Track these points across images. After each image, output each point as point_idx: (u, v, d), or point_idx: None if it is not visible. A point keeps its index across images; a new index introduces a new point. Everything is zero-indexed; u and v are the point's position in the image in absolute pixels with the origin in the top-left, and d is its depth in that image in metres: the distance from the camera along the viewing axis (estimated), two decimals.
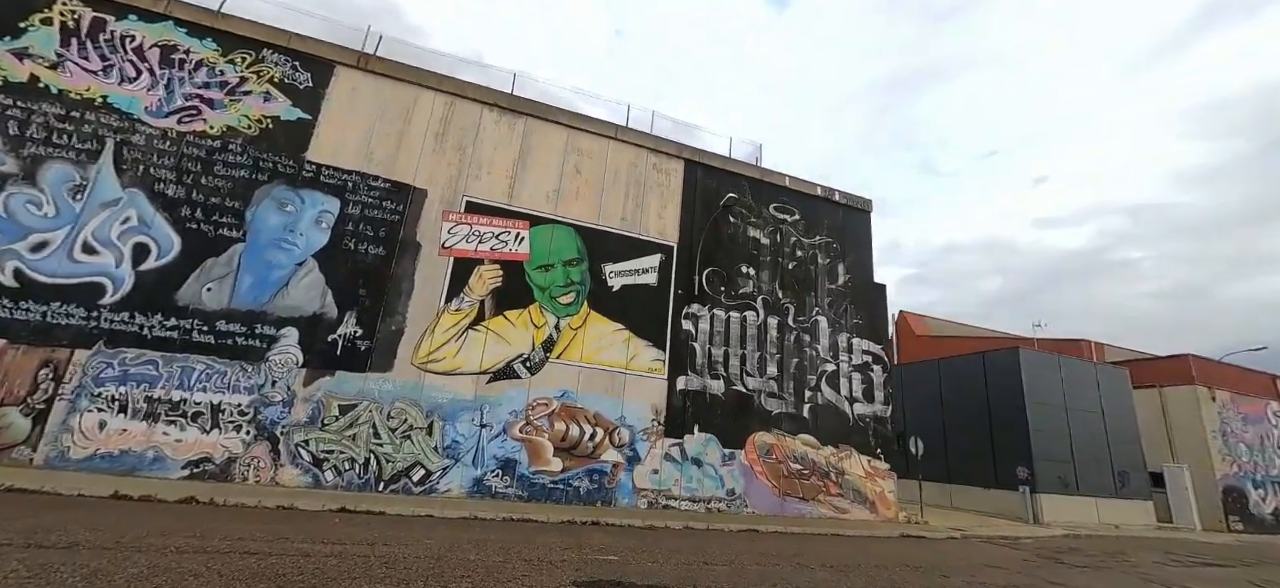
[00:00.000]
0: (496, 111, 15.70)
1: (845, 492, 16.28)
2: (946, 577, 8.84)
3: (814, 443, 16.33)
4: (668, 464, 14.64)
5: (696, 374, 15.62)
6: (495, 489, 13.10)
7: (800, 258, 18.01)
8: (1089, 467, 21.15)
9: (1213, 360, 26.54)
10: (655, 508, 14.13)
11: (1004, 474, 20.67)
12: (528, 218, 15.16)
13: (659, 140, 17.22)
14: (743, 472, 15.29)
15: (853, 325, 18.00)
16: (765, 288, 17.22)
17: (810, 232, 18.41)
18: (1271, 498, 25.32)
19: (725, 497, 14.93)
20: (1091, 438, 21.72)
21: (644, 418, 14.77)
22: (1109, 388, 22.97)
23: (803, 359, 16.97)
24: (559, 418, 14.03)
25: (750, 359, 16.35)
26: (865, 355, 17.88)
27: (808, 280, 17.87)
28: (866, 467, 16.77)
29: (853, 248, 18.89)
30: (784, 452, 15.92)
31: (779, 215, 18.16)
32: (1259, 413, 26.88)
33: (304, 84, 14.21)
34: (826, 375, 17.13)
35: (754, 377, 16.23)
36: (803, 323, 17.33)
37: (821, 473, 16.16)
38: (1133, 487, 21.92)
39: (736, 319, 16.54)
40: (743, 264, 17.15)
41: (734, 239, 17.32)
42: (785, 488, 15.64)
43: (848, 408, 17.07)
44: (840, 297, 18.15)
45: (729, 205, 15.39)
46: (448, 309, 13.87)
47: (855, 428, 16.98)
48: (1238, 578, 11.39)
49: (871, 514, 16.38)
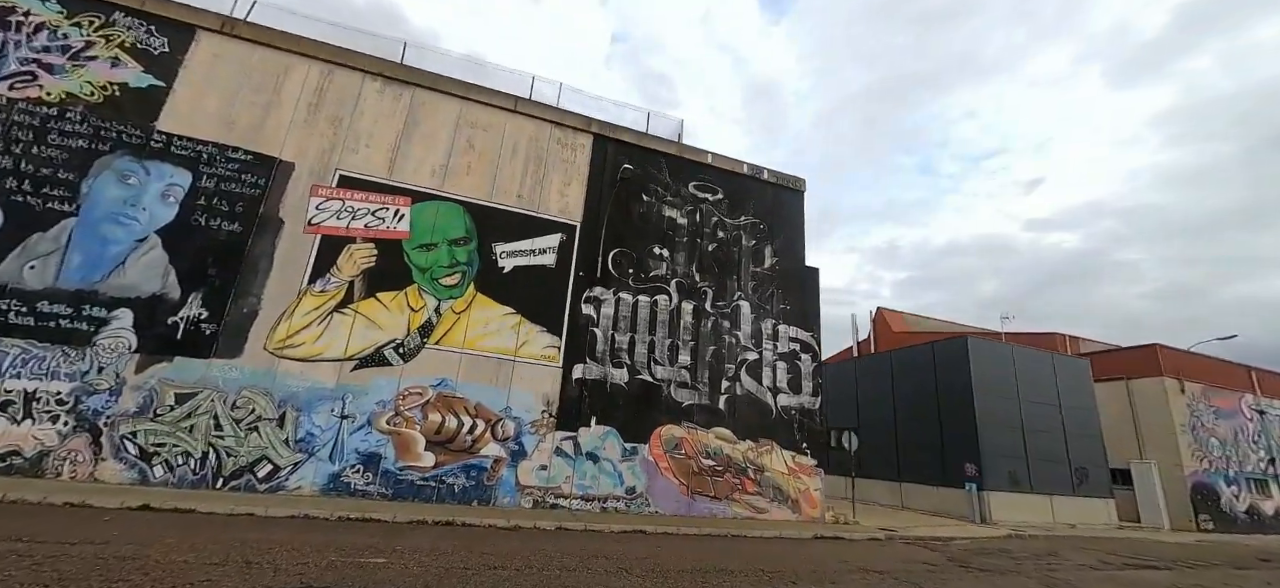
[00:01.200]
0: (380, 82, 14.57)
1: (764, 490, 15.00)
2: (798, 582, 7.58)
3: (730, 437, 15.07)
4: (559, 459, 13.39)
5: (597, 362, 14.39)
6: (356, 487, 11.86)
7: (722, 239, 16.81)
8: (1044, 463, 19.83)
9: (1183, 351, 25.24)
10: (542, 507, 12.88)
11: (953, 471, 19.38)
12: (410, 194, 14.00)
13: (565, 113, 16.07)
14: (646, 468, 14.03)
15: (780, 311, 16.77)
16: (681, 270, 16.01)
17: (735, 211, 17.22)
18: (1245, 496, 23.94)
19: (624, 495, 13.67)
20: (1047, 433, 20.41)
21: (533, 409, 13.54)
22: (1068, 380, 21.68)
23: (721, 347, 15.74)
24: (434, 409, 12.80)
25: (660, 347, 15.12)
26: (793, 343, 16.64)
27: (730, 263, 16.66)
28: (790, 463, 15.50)
29: (783, 229, 17.69)
30: (695, 447, 14.66)
31: (699, 194, 16.97)
32: (1233, 407, 25.53)
33: (159, 49, 13.10)
34: (747, 365, 15.89)
35: (663, 366, 14.99)
36: (722, 308, 16.11)
37: (738, 470, 14.89)
38: (1092, 484, 20.58)
39: (645, 304, 15.32)
40: (655, 245, 15.95)
41: (646, 219, 16.13)
42: (695, 486, 14.37)
43: (770, 399, 15.81)
44: (767, 281, 16.93)
45: (626, 178, 14.22)
46: (311, 291, 12.68)
47: (778, 421, 15.72)
48: (1164, 582, 10.09)
49: (794, 514, 15.11)
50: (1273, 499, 24.78)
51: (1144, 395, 24.23)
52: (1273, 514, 24.46)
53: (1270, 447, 25.79)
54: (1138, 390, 24.47)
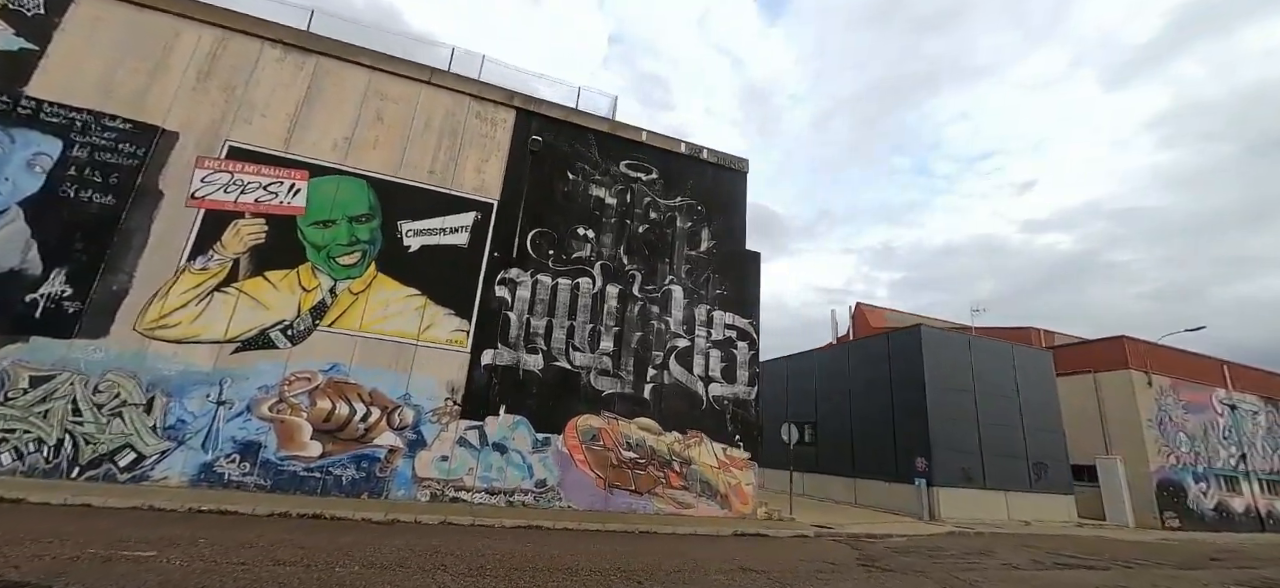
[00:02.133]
0: (280, 49, 13.71)
1: (691, 484, 14.18)
2: (646, 581, 6.75)
3: (655, 428, 14.24)
4: (461, 450, 12.55)
5: (509, 348, 13.55)
6: (230, 478, 11.01)
7: (655, 220, 15.98)
8: (1000, 458, 19.04)
9: (1153, 343, 24.45)
10: (440, 501, 12.04)
11: (905, 466, 18.57)
12: (308, 168, 13.14)
13: (485, 86, 15.22)
14: (559, 460, 13.20)
15: (716, 297, 15.95)
16: (607, 252, 15.17)
17: (670, 192, 16.39)
18: (1214, 492, 23.17)
19: (534, 489, 12.83)
20: (1005, 427, 19.61)
21: (436, 396, 12.70)
22: (1029, 372, 20.89)
23: (648, 333, 14.90)
24: (324, 395, 11.95)
25: (580, 332, 14.28)
26: (729, 330, 15.81)
27: (662, 245, 15.82)
28: (720, 456, 14.67)
29: (722, 211, 16.86)
30: (615, 438, 13.83)
31: (631, 173, 16.13)
32: (1203, 401, 24.77)
33: (33, 10, 12.24)
34: (677, 352, 15.05)
35: (583, 352, 14.16)
36: (651, 293, 15.27)
37: (662, 463, 14.07)
38: (1051, 480, 19.80)
39: (566, 287, 14.48)
40: (580, 225, 15.11)
41: (572, 198, 15.29)
42: (613, 479, 13.54)
43: (701, 389, 14.98)
44: (702, 264, 16.10)
45: (535, 150, 13.34)
46: (190, 268, 11.83)
47: (709, 411, 14.89)
48: (1089, 582, 9.28)
49: (723, 510, 14.28)
50: (1243, 497, 24.03)
51: (1111, 389, 23.47)
52: (1243, 512, 23.71)
53: (1241, 442, 25.04)
54: (1105, 384, 23.70)
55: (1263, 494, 24.73)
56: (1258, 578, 11.08)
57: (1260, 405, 26.87)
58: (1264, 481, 25.22)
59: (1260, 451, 25.75)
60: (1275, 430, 26.96)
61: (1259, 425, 26.33)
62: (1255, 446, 25.62)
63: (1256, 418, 26.38)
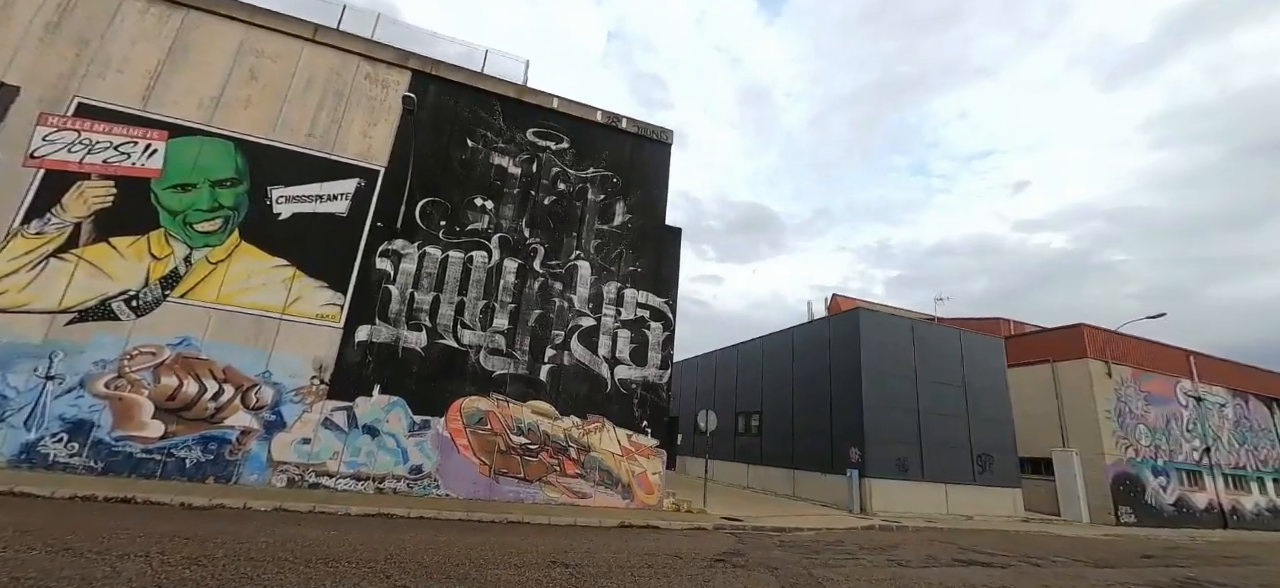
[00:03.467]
0: (143, 1, 12.68)
1: (589, 472, 13.25)
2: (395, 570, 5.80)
3: (550, 412, 13.30)
4: (327, 433, 11.61)
5: (388, 323, 12.59)
6: (56, 459, 10.08)
7: (563, 192, 14.98)
8: (941, 449, 18.10)
9: (1113, 332, 23.45)
10: (299, 486, 11.12)
11: (841, 457, 17.63)
12: (167, 127, 12.16)
13: (377, 46, 14.21)
14: (438, 444, 12.26)
15: (629, 274, 14.97)
16: (507, 224, 14.19)
17: (582, 162, 15.38)
18: (1174, 487, 22.22)
19: (408, 475, 11.90)
20: (949, 417, 18.66)
21: (300, 375, 11.75)
22: (978, 360, 19.91)
23: (548, 311, 13.94)
24: (170, 371, 11.01)
25: (471, 308, 13.32)
26: (642, 310, 14.84)
27: (570, 219, 14.84)
28: (624, 442, 13.74)
29: (640, 184, 15.86)
30: (504, 422, 12.89)
31: (539, 142, 15.13)
32: (1166, 392, 23.78)
33: None
34: (580, 332, 14.09)
35: (473, 330, 13.20)
36: (555, 268, 14.30)
37: (557, 449, 13.13)
38: (997, 473, 18.85)
39: (458, 260, 13.51)
40: (478, 196, 14.12)
41: (470, 166, 14.29)
42: (500, 466, 12.61)
43: (606, 371, 14.03)
44: (615, 239, 15.12)
45: (410, 108, 12.27)
46: (24, 232, 10.87)
47: (614, 395, 13.95)
48: (973, 581, 8.34)
49: (625, 500, 13.36)
50: (1206, 492, 23.08)
51: (1069, 379, 22.50)
52: (1205, 508, 22.77)
53: (1206, 435, 24.07)
54: (1063, 374, 22.72)
55: (1227, 490, 23.78)
56: (1178, 577, 10.14)
57: (1228, 397, 25.88)
58: (1229, 476, 24.28)
59: (1226, 444, 24.79)
60: (1243, 424, 25.99)
61: (1226, 419, 25.35)
62: (1221, 439, 24.66)
63: (1223, 411, 25.40)
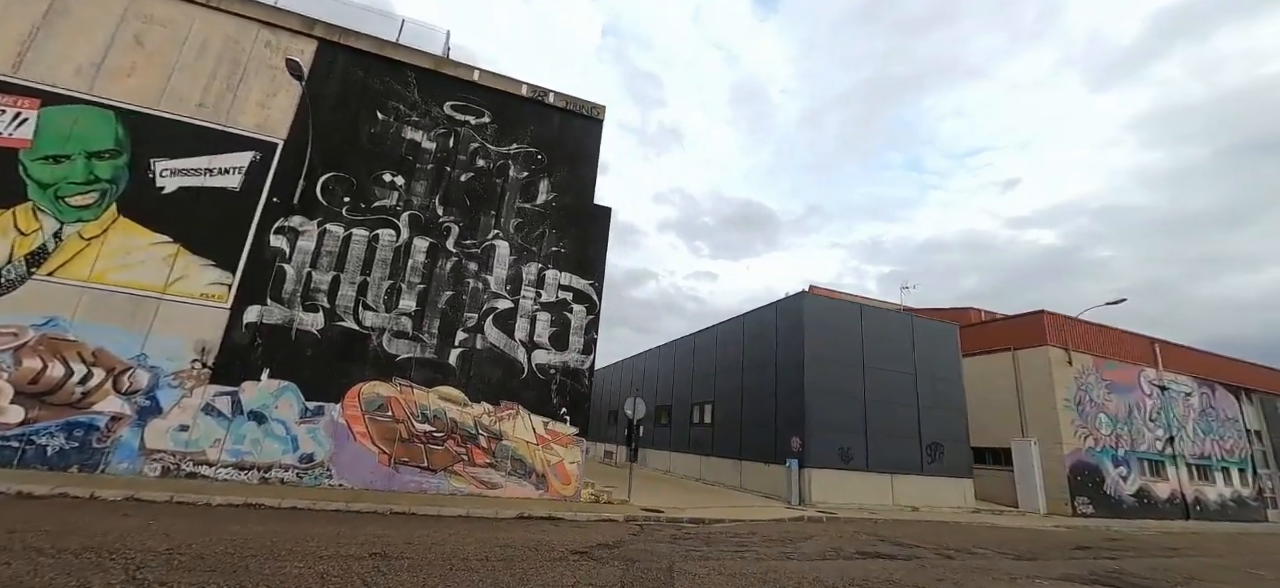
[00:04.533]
0: None
1: (500, 461, 12.59)
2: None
3: (459, 398, 12.63)
4: (207, 419, 10.91)
5: (282, 304, 11.88)
6: None
7: (482, 169, 14.26)
8: (887, 439, 17.50)
9: (1075, 318, 22.87)
10: (174, 475, 10.43)
11: (785, 447, 17.01)
12: (39, 95, 11.39)
13: (279, 13, 13.43)
14: (333, 432, 11.58)
15: (551, 254, 14.28)
16: (419, 202, 13.47)
17: (504, 138, 14.66)
18: (1135, 477, 21.70)
19: (297, 464, 11.22)
20: (898, 405, 18.06)
21: (180, 358, 11.04)
22: (930, 347, 19.30)
23: (461, 292, 13.24)
24: (32, 353, 10.28)
25: (375, 289, 12.61)
26: (564, 292, 14.16)
27: (489, 196, 14.13)
28: (540, 430, 13.09)
29: (567, 162, 15.15)
30: (408, 408, 12.21)
31: (458, 116, 14.39)
32: (1129, 381, 23.25)
33: None
34: (496, 314, 13.41)
35: (377, 311, 12.50)
36: (470, 247, 13.60)
37: (466, 437, 12.47)
38: (947, 462, 18.28)
39: (362, 238, 12.80)
40: (388, 171, 13.40)
41: (380, 140, 13.56)
42: (402, 455, 11.94)
43: (523, 356, 13.36)
44: (538, 219, 14.42)
45: (297, 75, 11.48)
46: None
47: (531, 381, 13.28)
48: (855, 574, 7.71)
49: (538, 490, 12.71)
50: (1168, 482, 22.59)
51: (1029, 367, 21.94)
52: (1167, 498, 22.27)
53: (1170, 425, 23.56)
54: (1023, 362, 22.17)
55: (1190, 480, 23.31)
56: (1100, 570, 9.57)
57: (1193, 386, 25.39)
58: (1193, 465, 23.80)
59: (1191, 434, 24.30)
60: (1209, 413, 25.52)
61: (1191, 408, 24.86)
62: (1186, 428, 24.17)
63: (1189, 400, 24.91)
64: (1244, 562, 12.19)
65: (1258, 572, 10.80)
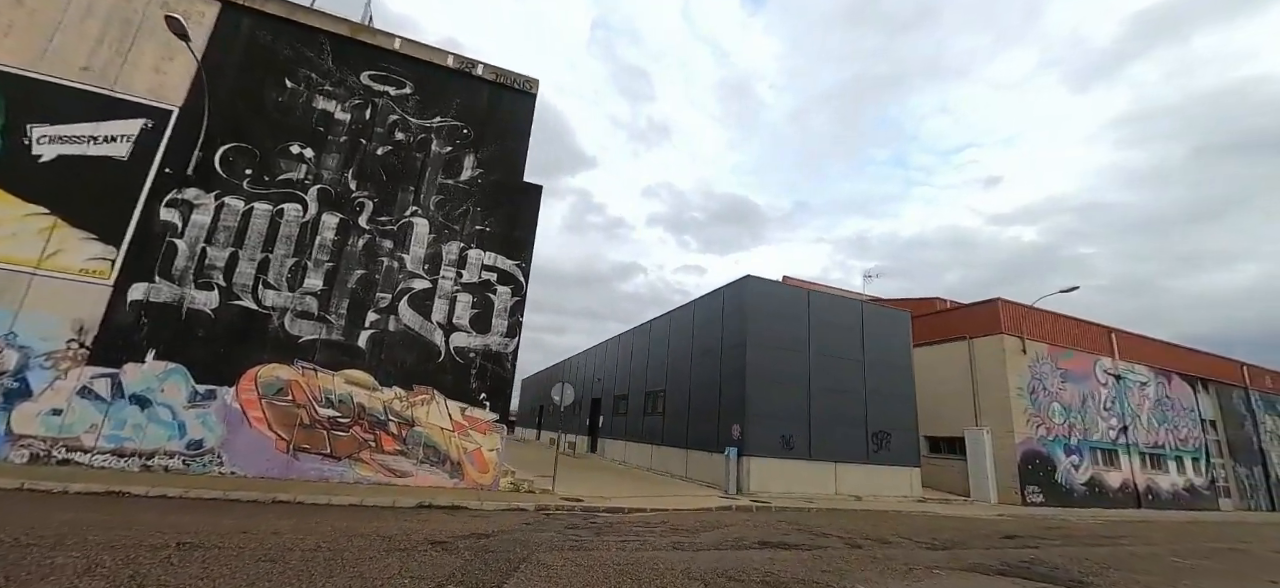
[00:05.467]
0: None
1: (411, 449, 11.99)
2: None
3: (368, 382, 12.00)
4: (83, 402, 10.20)
5: (171, 282, 11.15)
6: None
7: (401, 142, 13.56)
8: (832, 427, 17.13)
9: (1030, 306, 22.66)
10: (42, 462, 9.71)
11: (727, 435, 16.57)
12: None
13: None
14: (226, 417, 10.91)
15: (475, 233, 13.64)
16: (330, 176, 12.76)
17: (427, 111, 13.96)
18: (1087, 467, 21.59)
19: (184, 451, 10.55)
20: (843, 392, 17.69)
21: (55, 337, 10.30)
22: (880, 334, 18.94)
23: (374, 271, 12.58)
24: None
25: (277, 266, 11.91)
26: (489, 272, 13.55)
27: (408, 172, 13.44)
28: (457, 416, 12.50)
29: (497, 137, 14.48)
30: (310, 392, 11.57)
31: (376, 86, 13.66)
32: (1084, 370, 23.11)
33: None
34: (412, 295, 12.77)
35: (279, 290, 11.81)
36: (385, 224, 12.92)
37: (375, 423, 11.85)
38: (895, 451, 17.96)
39: (264, 212, 12.08)
40: (296, 143, 12.66)
41: (288, 110, 12.81)
42: (302, 441, 11.30)
43: (440, 338, 12.74)
44: (461, 196, 13.76)
45: (180, 34, 10.57)
46: None
47: (448, 364, 12.68)
48: (726, 564, 7.25)
49: (453, 479, 12.15)
50: (1120, 471, 22.53)
51: (984, 356, 21.69)
52: (1119, 487, 22.20)
53: (1124, 414, 23.49)
54: (979, 350, 21.92)
55: (1142, 469, 23.28)
56: (1015, 559, 9.22)
57: (1150, 376, 25.35)
58: (1146, 454, 23.78)
59: (1145, 423, 24.27)
60: (1165, 403, 25.52)
61: (1146, 397, 24.83)
62: (1140, 418, 24.13)
63: (1145, 389, 24.87)
64: (1173, 550, 11.95)
65: (1178, 560, 10.53)
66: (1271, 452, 29.24)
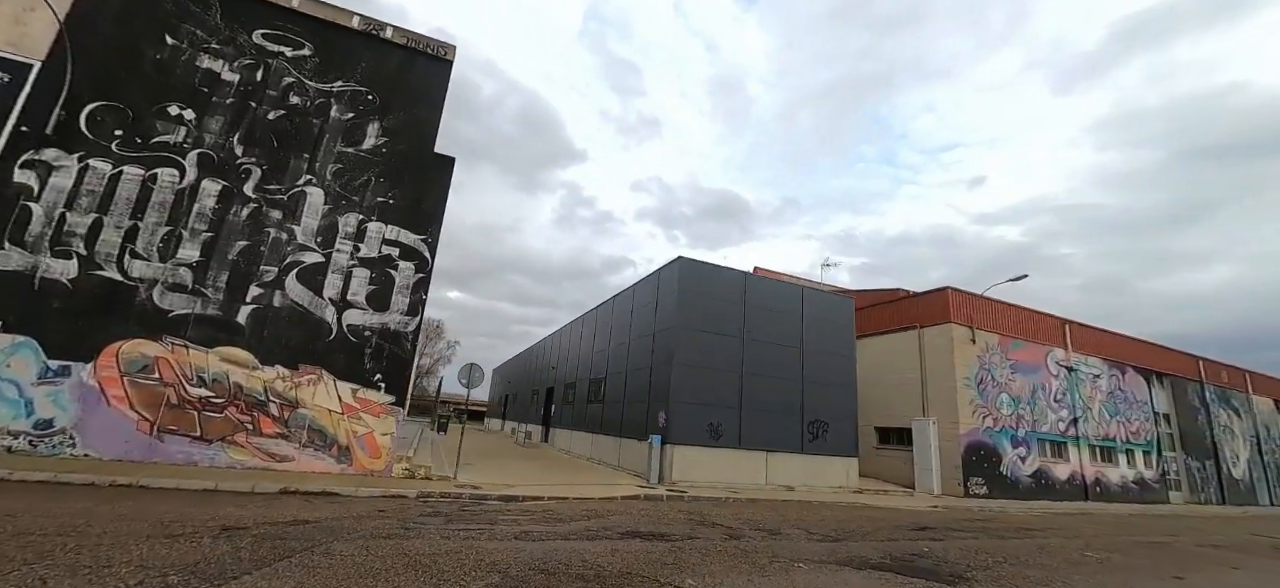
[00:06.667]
0: None
1: (294, 431, 11.26)
2: None
3: (247, 361, 11.23)
4: None
5: (23, 249, 10.31)
6: None
7: (296, 106, 12.73)
8: (765, 415, 16.58)
9: (980, 296, 22.24)
10: None
11: (655, 422, 15.97)
12: None
13: None
14: (81, 395, 10.12)
15: (377, 205, 12.86)
16: (213, 139, 11.91)
17: (327, 74, 13.12)
18: (1034, 458, 21.27)
19: (31, 430, 9.76)
20: (778, 379, 17.13)
21: None
22: (821, 321, 18.38)
23: (258, 243, 11.78)
24: None
25: (149, 235, 11.09)
26: (390, 247, 12.79)
27: (302, 137, 12.62)
28: (348, 398, 11.78)
29: (406, 104, 13.68)
30: (180, 370, 10.78)
31: (270, 46, 12.80)
32: (1036, 361, 22.76)
33: None
34: (302, 269, 11.99)
35: (149, 260, 10.99)
36: (274, 193, 12.11)
37: (253, 404, 11.10)
38: (831, 441, 17.47)
39: (135, 177, 11.23)
40: (175, 104, 11.80)
41: (167, 69, 11.93)
42: (169, 422, 10.54)
43: (331, 315, 11.98)
44: (363, 165, 12.96)
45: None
46: None
47: (340, 343, 11.94)
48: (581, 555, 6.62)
49: (340, 464, 11.44)
50: (1069, 463, 22.24)
51: (933, 345, 21.24)
52: (1067, 480, 21.93)
53: (1076, 406, 23.19)
54: (928, 340, 21.47)
55: (1092, 461, 23.02)
56: (906, 553, 8.69)
57: (1103, 369, 25.08)
58: (1095, 447, 23.52)
59: (1097, 415, 24.00)
60: (1118, 396, 25.28)
61: (1099, 389, 24.55)
62: (1091, 410, 23.85)
63: (1097, 381, 24.59)
64: (1091, 544, 11.52)
65: (1089, 554, 10.07)
66: (1224, 446, 29.21)
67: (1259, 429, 32.20)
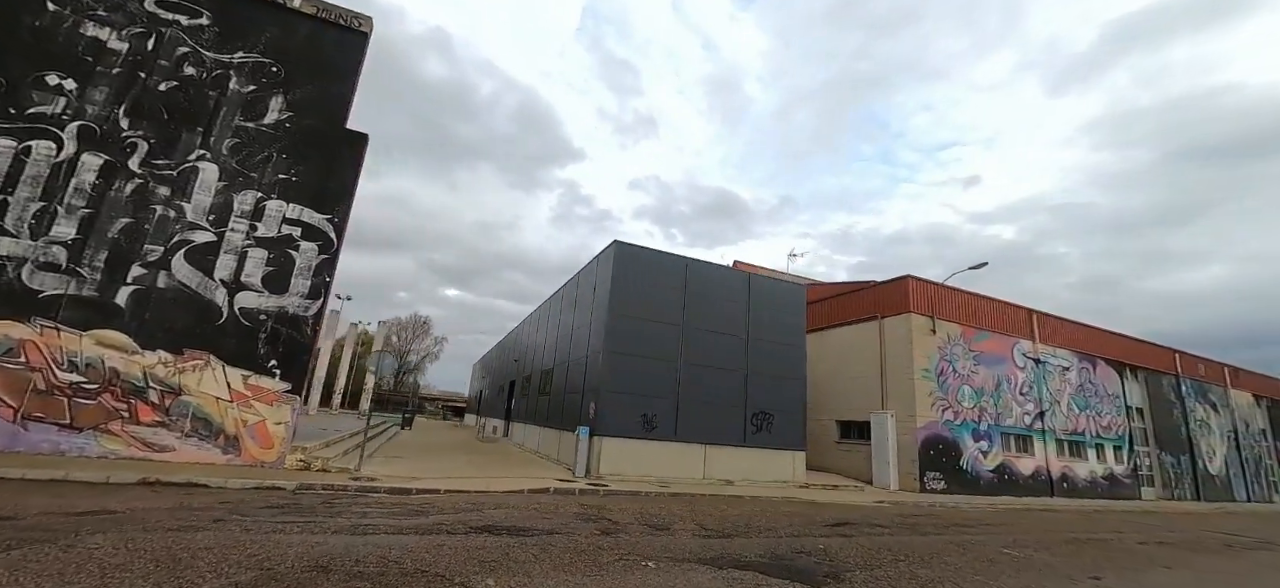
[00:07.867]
0: None
1: (175, 420, 10.62)
2: None
3: (125, 344, 10.60)
4: None
5: None
6: None
7: (190, 78, 12.05)
8: (704, 407, 15.92)
9: (942, 285, 21.54)
10: None
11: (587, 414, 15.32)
12: None
13: None
14: None
15: (278, 182, 12.20)
16: (95, 111, 11.25)
17: (228, 44, 12.44)
18: (996, 453, 20.60)
19: None
20: (720, 369, 16.47)
21: None
22: (770, 310, 17.71)
23: (143, 220, 11.13)
24: None
25: (20, 210, 10.45)
26: (291, 226, 12.13)
27: (197, 111, 11.95)
28: (239, 386, 11.14)
29: (316, 77, 13.00)
30: (49, 354, 10.15)
31: (164, 14, 12.13)
32: (1001, 352, 22.06)
33: None
34: (191, 248, 11.34)
35: (20, 237, 10.35)
36: (162, 168, 11.45)
37: (131, 391, 10.46)
38: (777, 434, 16.81)
39: (6, 149, 10.59)
40: (53, 73, 11.13)
41: (46, 36, 11.27)
42: (35, 409, 9.91)
43: (222, 297, 11.34)
44: (264, 140, 12.29)
45: None
46: None
47: (231, 327, 11.29)
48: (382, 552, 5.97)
49: (227, 455, 10.81)
50: (1033, 458, 21.57)
51: (893, 336, 20.55)
52: (1030, 474, 21.26)
53: (1042, 399, 22.50)
54: (888, 330, 20.78)
55: (1058, 455, 22.34)
56: (789, 550, 8.05)
57: (1073, 361, 24.38)
58: (1062, 441, 22.84)
59: (1065, 409, 23.31)
60: (1087, 389, 24.58)
61: (1068, 382, 23.86)
62: (1059, 403, 23.16)
63: (1066, 374, 23.90)
64: (1022, 541, 10.86)
65: (1010, 553, 9.41)
66: (1200, 441, 28.51)
67: (1237, 425, 31.49)
